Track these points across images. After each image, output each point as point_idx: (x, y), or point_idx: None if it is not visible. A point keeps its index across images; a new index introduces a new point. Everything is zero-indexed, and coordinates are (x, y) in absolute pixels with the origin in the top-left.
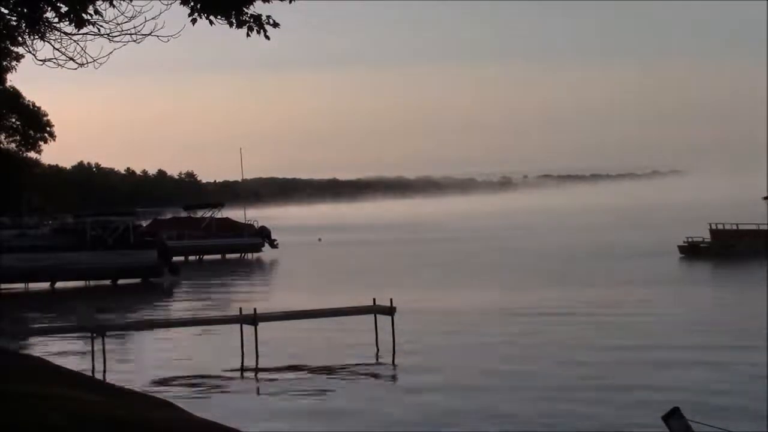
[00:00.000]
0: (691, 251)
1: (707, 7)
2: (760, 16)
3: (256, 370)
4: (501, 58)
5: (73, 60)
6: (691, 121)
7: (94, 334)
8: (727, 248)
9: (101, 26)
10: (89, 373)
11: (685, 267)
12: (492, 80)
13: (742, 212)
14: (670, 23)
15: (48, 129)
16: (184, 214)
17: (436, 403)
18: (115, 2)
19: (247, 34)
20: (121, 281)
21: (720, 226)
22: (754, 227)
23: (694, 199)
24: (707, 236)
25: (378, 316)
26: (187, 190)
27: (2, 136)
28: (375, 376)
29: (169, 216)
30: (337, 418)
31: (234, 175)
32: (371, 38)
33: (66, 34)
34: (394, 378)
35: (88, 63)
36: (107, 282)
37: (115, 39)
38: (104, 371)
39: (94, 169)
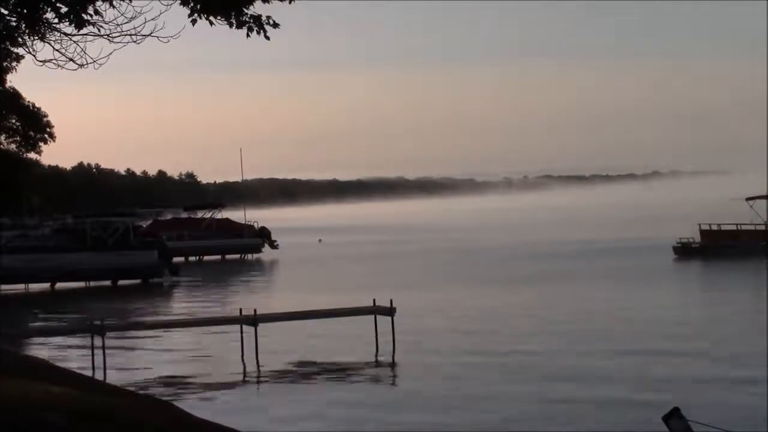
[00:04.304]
0: (685, 252)
1: (707, 7)
2: (760, 16)
3: (257, 370)
4: (501, 59)
5: (73, 61)
6: (692, 122)
7: (94, 335)
8: (719, 248)
9: (101, 27)
10: (89, 373)
11: (679, 267)
12: (492, 81)
13: (741, 213)
14: (669, 23)
15: (48, 130)
16: (184, 215)
17: (436, 403)
18: (115, 3)
19: (247, 35)
20: (121, 282)
21: (715, 227)
22: (750, 227)
23: (695, 200)
24: (704, 237)
25: (378, 316)
26: (187, 191)
27: (2, 137)
28: (375, 376)
29: (169, 217)
30: (337, 418)
31: (234, 176)
32: (370, 39)
33: (66, 34)
34: (394, 378)
35: (88, 64)
36: (107, 283)
37: (115, 40)
38: (104, 371)
39: (94, 170)
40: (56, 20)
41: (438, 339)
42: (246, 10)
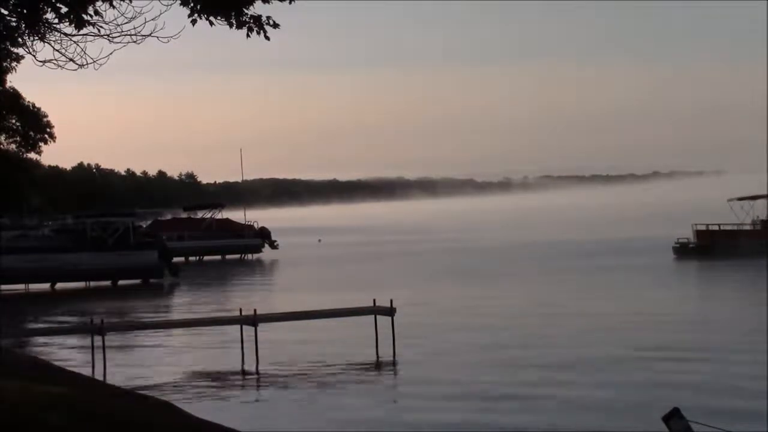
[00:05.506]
0: (684, 252)
1: (707, 7)
2: (760, 16)
3: (257, 371)
4: (501, 59)
5: (73, 61)
6: (692, 122)
7: (94, 335)
8: (716, 248)
9: (101, 27)
10: (89, 374)
11: (678, 267)
12: (492, 81)
13: (739, 213)
14: (669, 23)
15: (48, 130)
16: (184, 215)
17: (436, 403)
18: (115, 3)
19: (247, 35)
20: (121, 282)
21: (713, 227)
22: (748, 227)
23: (694, 200)
24: (700, 237)
25: (378, 316)
26: (187, 191)
27: (2, 137)
28: (375, 376)
29: (169, 217)
30: (337, 418)
31: (234, 176)
32: (369, 40)
33: (66, 35)
34: (394, 379)
35: (88, 64)
36: (107, 283)
37: (115, 40)
38: (104, 371)
39: (95, 170)
40: (56, 20)
41: (438, 338)
42: (246, 11)
